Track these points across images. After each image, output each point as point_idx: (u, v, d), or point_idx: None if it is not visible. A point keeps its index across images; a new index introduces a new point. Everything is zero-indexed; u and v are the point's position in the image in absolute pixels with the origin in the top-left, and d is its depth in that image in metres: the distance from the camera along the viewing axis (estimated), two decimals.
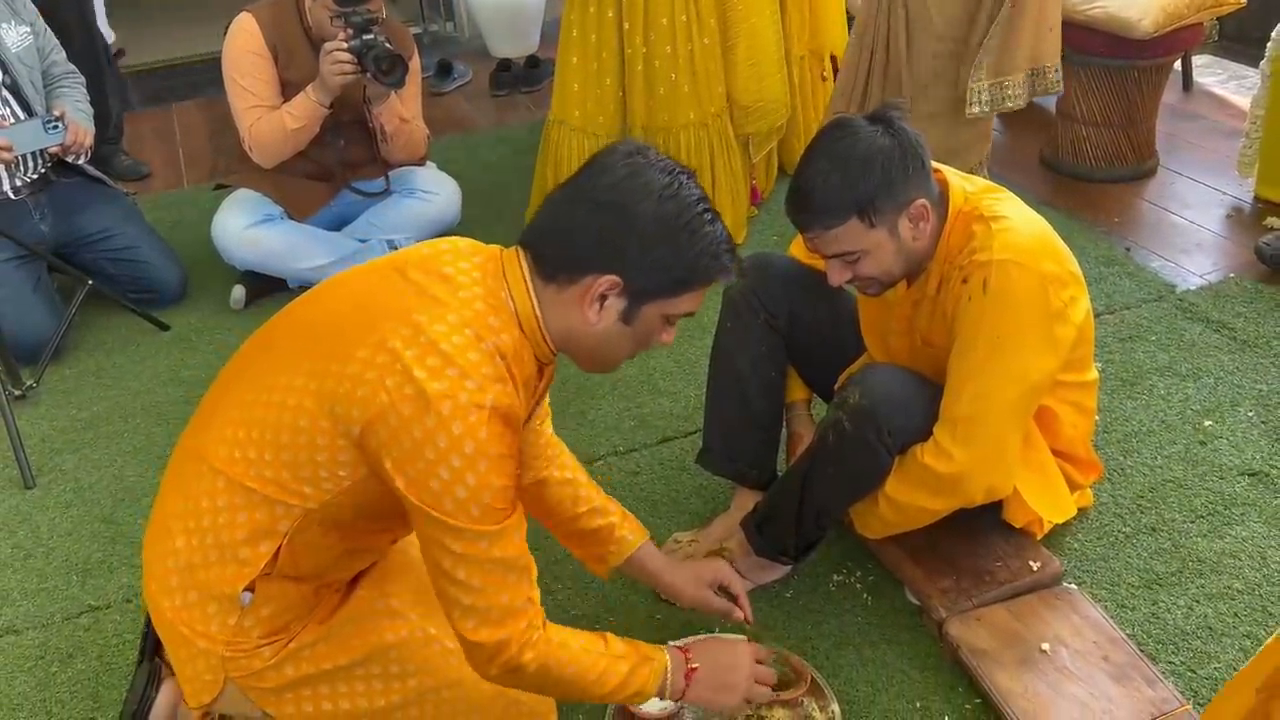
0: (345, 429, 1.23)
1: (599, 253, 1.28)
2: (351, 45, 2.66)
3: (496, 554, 1.24)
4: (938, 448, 1.60)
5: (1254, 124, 3.01)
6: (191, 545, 1.33)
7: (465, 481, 1.20)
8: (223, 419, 1.33)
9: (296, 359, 1.29)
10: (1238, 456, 2.11)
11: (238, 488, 1.30)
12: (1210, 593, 1.82)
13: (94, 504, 2.26)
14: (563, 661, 1.33)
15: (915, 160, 1.57)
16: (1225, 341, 2.46)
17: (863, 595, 1.88)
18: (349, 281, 1.37)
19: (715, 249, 1.30)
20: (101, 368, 2.74)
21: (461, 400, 1.18)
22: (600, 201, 1.28)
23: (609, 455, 2.27)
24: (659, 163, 1.30)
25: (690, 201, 1.29)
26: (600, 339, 1.33)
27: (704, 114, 2.89)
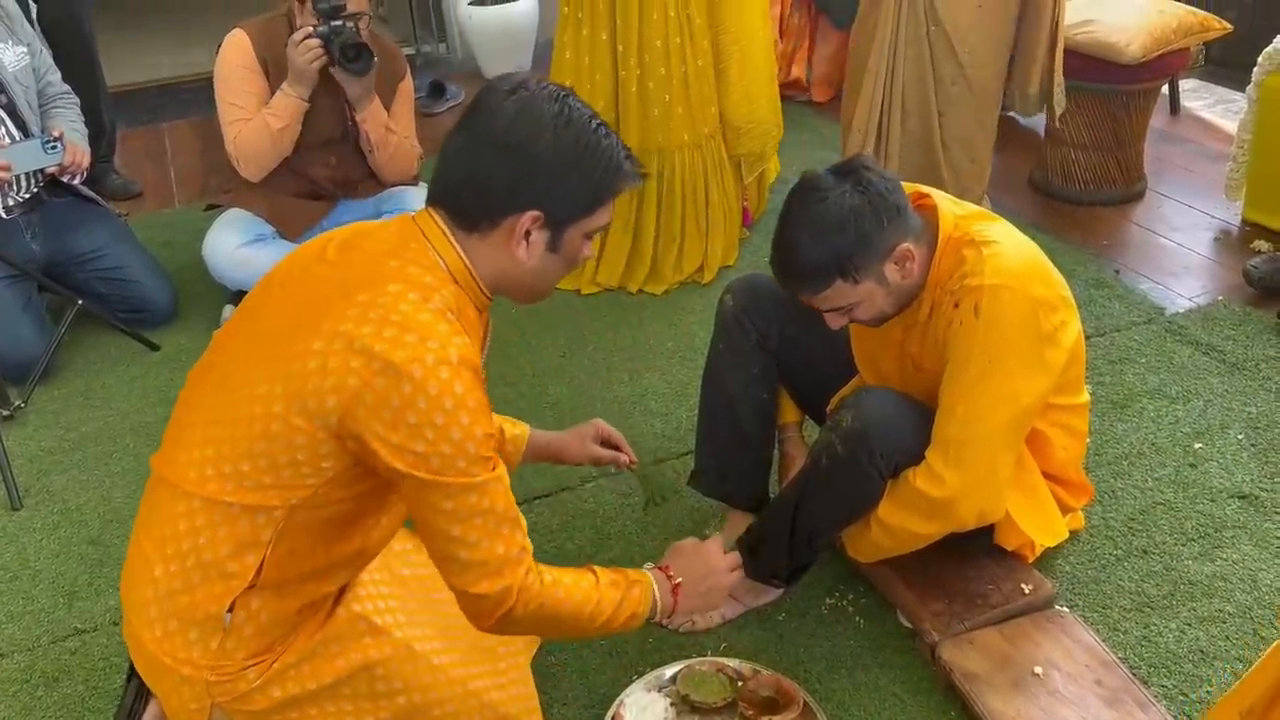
0: (323, 421, 1.25)
1: (514, 194, 1.31)
2: (319, 31, 2.66)
3: (487, 505, 1.27)
4: (930, 471, 1.61)
5: (1241, 148, 3.03)
6: (171, 572, 1.32)
7: (450, 437, 1.23)
8: (188, 441, 1.33)
9: (252, 369, 1.30)
10: (1228, 479, 2.12)
11: (215, 505, 1.30)
12: (1202, 616, 1.82)
13: (81, 525, 2.25)
14: (559, 600, 1.37)
15: (889, 210, 1.58)
16: (1214, 364, 2.47)
17: (855, 618, 1.87)
18: (280, 283, 1.39)
19: (616, 160, 1.36)
20: (90, 388, 2.73)
21: (429, 361, 1.22)
22: (500, 145, 1.30)
23: (600, 477, 2.27)
24: (543, 91, 1.33)
25: (584, 123, 1.33)
26: (533, 273, 1.38)
27: (698, 135, 2.90)
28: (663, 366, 2.64)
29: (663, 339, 2.76)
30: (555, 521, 2.15)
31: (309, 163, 2.87)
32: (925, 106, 2.71)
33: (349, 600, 1.47)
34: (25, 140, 2.74)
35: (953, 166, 2.77)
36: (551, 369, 2.65)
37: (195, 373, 1.43)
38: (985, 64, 2.66)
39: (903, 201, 1.59)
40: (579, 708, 1.74)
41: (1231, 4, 4.01)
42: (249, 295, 1.44)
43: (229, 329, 1.42)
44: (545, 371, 2.65)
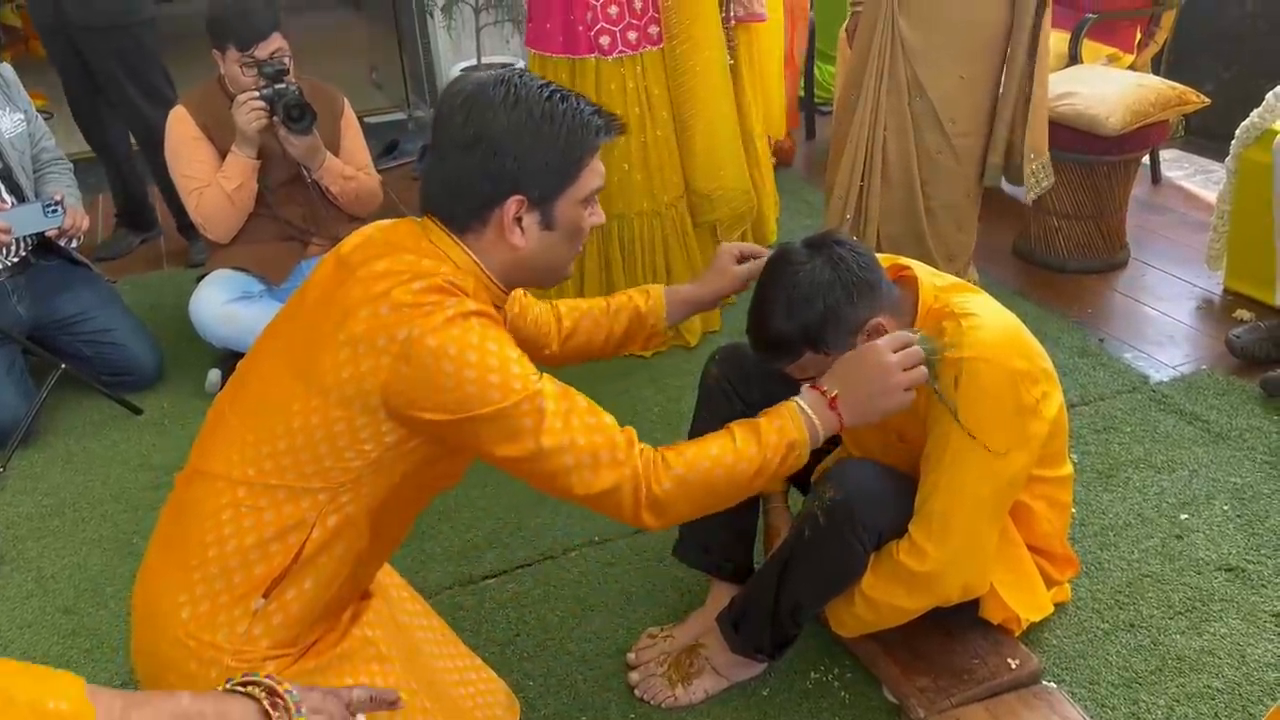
0: (363, 405, 1.29)
1: (489, 186, 1.34)
2: (263, 94, 2.76)
3: (552, 407, 1.30)
4: (913, 545, 1.59)
5: (1221, 218, 3.07)
6: (209, 558, 1.33)
7: (487, 378, 1.27)
8: (226, 440, 1.36)
9: (286, 376, 1.33)
10: (1214, 551, 2.11)
11: (260, 488, 1.32)
12: (1190, 692, 1.80)
13: (55, 594, 2.21)
14: (695, 466, 1.36)
15: (859, 286, 1.58)
16: (1199, 434, 2.47)
17: (840, 693, 1.84)
18: (304, 293, 1.41)
19: (580, 119, 1.36)
20: (71, 452, 2.70)
21: (440, 322, 1.26)
22: (461, 143, 1.33)
23: (584, 545, 2.25)
24: (486, 80, 1.36)
25: (534, 95, 1.34)
26: (536, 255, 1.39)
27: (657, 203, 2.91)
28: (649, 432, 2.63)
29: (649, 404, 2.75)
30: (537, 592, 2.12)
31: (279, 203, 2.95)
32: (908, 175, 2.74)
33: (362, 624, 1.47)
34: (25, 204, 2.76)
35: (939, 235, 2.79)
36: None
37: (225, 394, 1.44)
38: (970, 133, 2.70)
39: (876, 277, 1.60)
40: None
41: (1209, 77, 4.10)
42: (263, 332, 1.46)
43: (256, 349, 1.44)
44: None
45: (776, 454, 1.40)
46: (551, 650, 1.98)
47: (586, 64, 2.80)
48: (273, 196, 2.94)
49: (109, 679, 1.96)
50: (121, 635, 2.08)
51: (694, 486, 1.37)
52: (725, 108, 2.93)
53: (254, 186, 2.88)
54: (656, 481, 1.34)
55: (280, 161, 2.90)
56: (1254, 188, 2.89)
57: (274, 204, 2.95)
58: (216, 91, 2.91)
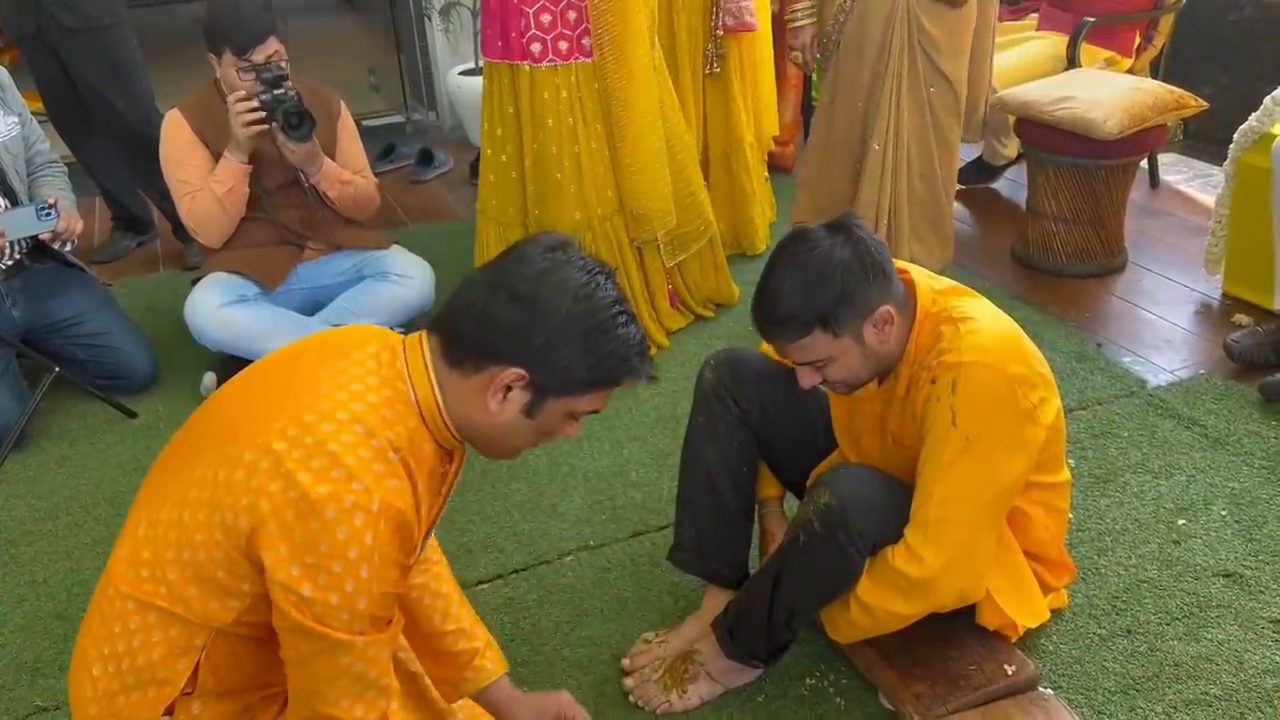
0: (235, 541, 1.19)
1: (507, 345, 1.27)
2: (262, 99, 2.74)
3: (359, 669, 1.21)
4: (908, 550, 1.58)
5: (1219, 222, 3.06)
6: (109, 672, 1.28)
7: (343, 587, 1.16)
8: (131, 537, 1.29)
9: (194, 469, 1.25)
10: (1212, 557, 2.10)
11: (149, 609, 1.25)
12: (1188, 699, 1.79)
13: (48, 598, 2.20)
14: None
15: (875, 268, 1.58)
16: (1197, 439, 2.46)
17: (836, 699, 1.83)
18: (250, 379, 1.35)
19: (625, 351, 1.30)
20: (65, 456, 2.69)
21: (347, 503, 1.16)
22: (516, 294, 1.27)
23: (579, 550, 2.24)
24: (579, 261, 1.30)
25: (605, 303, 1.28)
26: (500, 429, 1.32)
27: (590, 216, 2.86)
28: (644, 436, 2.62)
29: (645, 406, 2.74)
30: (532, 597, 2.11)
31: (275, 207, 2.95)
32: (929, 167, 2.88)
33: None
34: (19, 207, 2.75)
35: (947, 216, 2.95)
36: None
37: (158, 462, 1.38)
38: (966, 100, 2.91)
39: (889, 266, 1.60)
40: None
41: (1207, 81, 4.09)
42: (223, 385, 1.40)
43: (194, 418, 1.38)
44: None
45: None
46: (546, 655, 1.97)
47: (521, 70, 2.77)
48: (269, 200, 2.94)
49: None
50: None
51: None
52: (649, 128, 2.84)
53: (245, 191, 2.87)
54: None
55: (277, 165, 2.89)
56: (1252, 192, 2.88)
57: (270, 208, 2.95)
58: (212, 96, 2.91)
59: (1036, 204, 3.34)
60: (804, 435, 1.92)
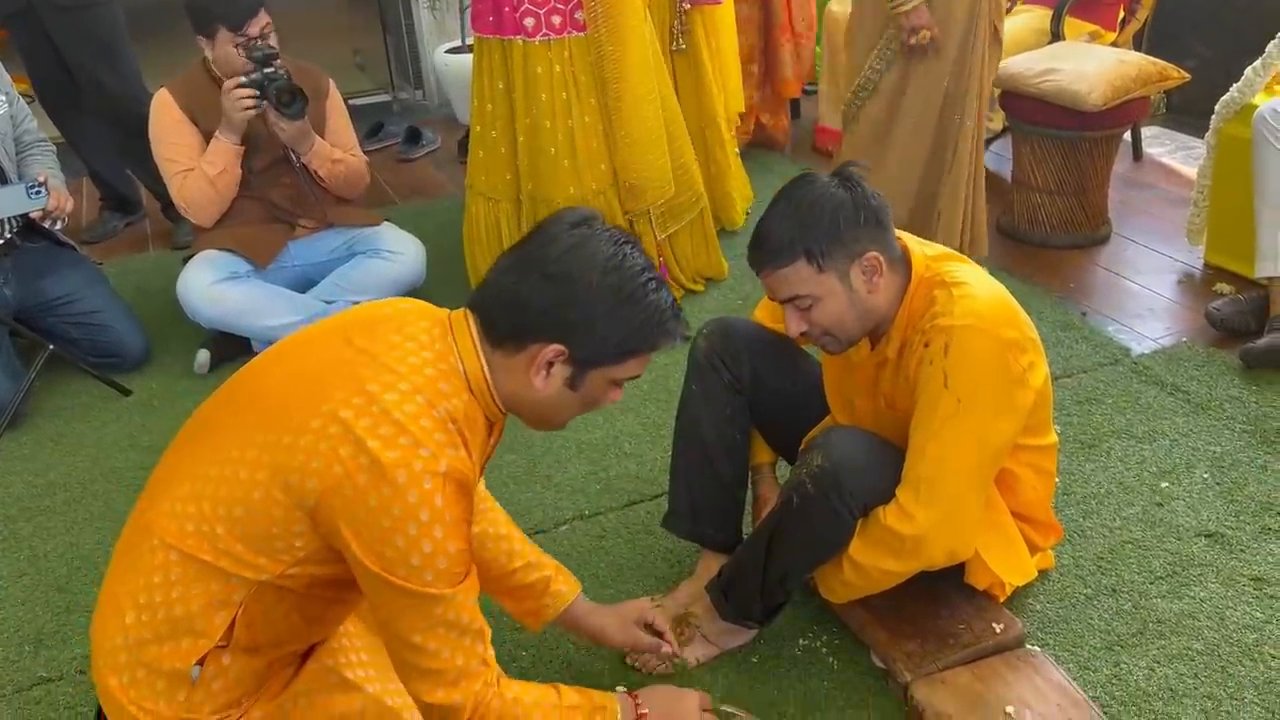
0: (299, 500, 1.23)
1: (545, 322, 1.31)
2: (253, 79, 2.75)
3: (451, 617, 1.27)
4: (900, 509, 1.62)
5: (1201, 193, 3.10)
6: (142, 621, 1.31)
7: (421, 548, 1.22)
8: (174, 493, 1.32)
9: (248, 431, 1.28)
10: (1194, 518, 2.14)
11: (191, 561, 1.28)
12: (1171, 654, 1.83)
13: (48, 573, 2.22)
14: (516, 717, 1.34)
15: (869, 213, 1.61)
16: (1180, 404, 2.51)
17: (828, 659, 1.87)
18: (296, 350, 1.37)
19: (659, 317, 1.34)
20: (61, 433, 2.71)
21: (416, 468, 1.21)
22: (547, 273, 1.31)
23: (574, 519, 2.27)
24: (604, 233, 1.34)
25: (634, 272, 1.32)
26: (546, 403, 1.36)
27: (584, 190, 2.88)
28: (637, 407, 2.65)
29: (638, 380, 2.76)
30: None
31: (264, 185, 2.96)
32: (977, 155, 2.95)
33: (320, 654, 1.45)
34: (8, 185, 2.75)
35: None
36: None
37: (193, 420, 1.41)
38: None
39: (884, 217, 1.63)
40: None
41: (1189, 54, 4.12)
42: (261, 355, 1.42)
43: (233, 384, 1.40)
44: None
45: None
46: None
47: (514, 45, 2.79)
48: (258, 179, 2.95)
49: None
50: None
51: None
52: (647, 92, 2.86)
53: (237, 172, 2.88)
54: (487, 712, 1.31)
55: (267, 144, 2.90)
56: (1234, 162, 2.92)
57: (260, 186, 2.96)
58: (201, 76, 2.91)
59: (1021, 176, 3.38)
60: (796, 402, 1.95)
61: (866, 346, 1.74)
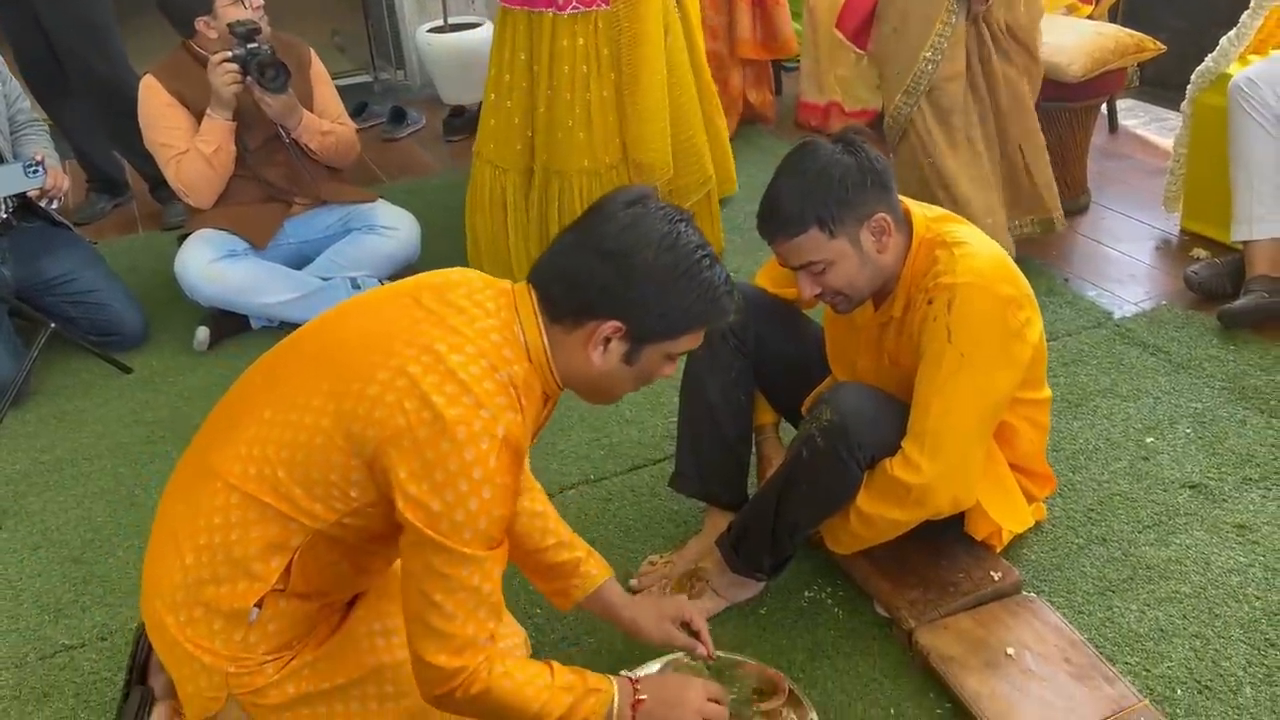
0: (359, 448, 1.27)
1: (603, 299, 1.34)
2: (236, 54, 2.78)
3: (475, 583, 1.28)
4: (906, 460, 1.68)
5: (1178, 161, 3.19)
6: (201, 561, 1.35)
7: (467, 505, 1.25)
8: (240, 436, 1.36)
9: (316, 380, 1.33)
10: (1178, 470, 2.23)
11: (253, 503, 1.33)
12: (1160, 597, 1.92)
13: (62, 545, 2.25)
14: (503, 691, 1.34)
15: (874, 176, 1.67)
16: (1161, 364, 2.60)
17: (834, 609, 1.94)
18: (367, 308, 1.41)
19: (713, 293, 1.38)
20: (64, 411, 2.73)
21: (475, 428, 1.24)
22: (604, 251, 1.34)
23: (580, 484, 2.32)
24: (658, 211, 1.37)
25: (689, 249, 1.36)
26: (603, 377, 1.40)
27: (598, 164, 2.92)
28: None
29: None
30: None
31: (258, 164, 2.98)
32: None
33: (361, 606, 1.51)
34: (5, 164, 2.76)
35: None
36: None
37: (256, 369, 1.47)
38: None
39: (889, 179, 1.69)
40: None
41: (1163, 27, 4.20)
42: (330, 310, 1.45)
43: (301, 336, 1.44)
44: None
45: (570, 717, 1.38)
46: None
47: (543, 18, 2.82)
48: (252, 158, 2.96)
49: (123, 624, 2.01)
50: (133, 582, 2.12)
51: (484, 707, 1.34)
52: (657, 75, 2.90)
53: (232, 149, 2.90)
54: (464, 689, 1.31)
55: (257, 123, 2.91)
56: (1209, 131, 3.01)
57: (255, 166, 2.97)
58: (185, 57, 2.92)
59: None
60: (798, 364, 2.01)
61: (870, 308, 1.81)
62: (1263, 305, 2.67)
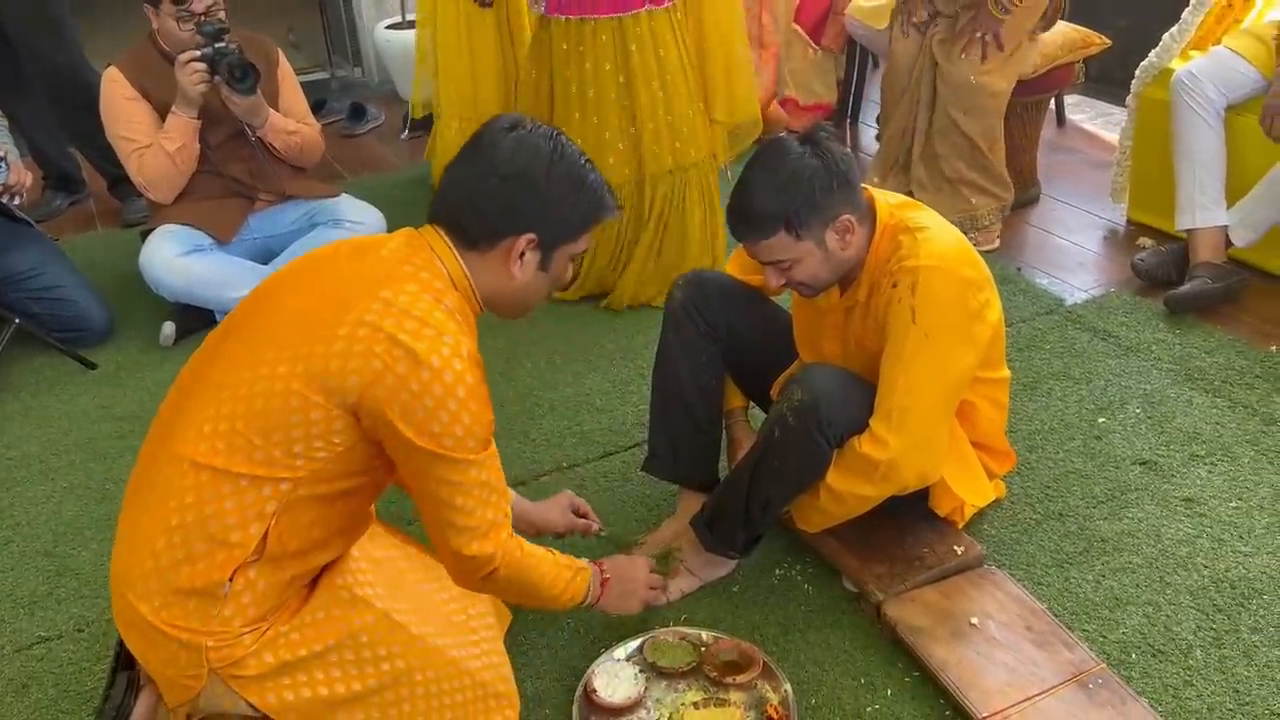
0: (341, 399, 1.36)
1: (513, 217, 1.47)
2: (204, 54, 2.78)
3: (485, 478, 1.43)
4: (874, 437, 1.75)
5: (1123, 154, 3.30)
6: (174, 543, 1.38)
7: (462, 420, 1.37)
8: (197, 418, 1.40)
9: (274, 350, 1.38)
10: (1129, 448, 2.32)
11: (224, 476, 1.37)
12: (1114, 568, 2.00)
13: (34, 539, 2.25)
14: (529, 567, 1.55)
15: (840, 178, 1.73)
16: (1111, 348, 2.69)
17: (804, 586, 2.00)
18: (296, 277, 1.49)
19: (600, 193, 1.54)
20: (29, 408, 2.71)
21: (445, 353, 1.36)
22: (503, 174, 1.46)
23: (553, 470, 2.36)
24: (538, 130, 1.50)
25: (575, 158, 1.50)
26: (523, 289, 1.53)
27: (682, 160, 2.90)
28: (604, 368, 2.75)
29: (601, 342, 2.87)
30: None
31: (223, 159, 2.99)
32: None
33: (331, 575, 1.54)
34: None
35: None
36: (496, 373, 2.73)
37: (200, 356, 1.50)
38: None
39: (854, 178, 1.75)
40: (551, 680, 1.83)
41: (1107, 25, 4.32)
42: (254, 291, 1.52)
43: (236, 318, 1.50)
44: (491, 377, 2.72)
45: (563, 597, 1.64)
46: None
47: (638, 17, 2.74)
48: (216, 154, 2.96)
49: (97, 616, 2.02)
50: (105, 575, 2.09)
51: (519, 583, 1.55)
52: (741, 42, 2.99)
53: (196, 147, 2.90)
54: (504, 565, 1.50)
55: (222, 119, 2.91)
56: (1153, 123, 3.12)
57: (218, 161, 2.97)
58: (149, 50, 2.91)
59: None
60: (766, 349, 2.07)
61: (836, 293, 1.87)
62: (1206, 291, 2.78)
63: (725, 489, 1.92)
